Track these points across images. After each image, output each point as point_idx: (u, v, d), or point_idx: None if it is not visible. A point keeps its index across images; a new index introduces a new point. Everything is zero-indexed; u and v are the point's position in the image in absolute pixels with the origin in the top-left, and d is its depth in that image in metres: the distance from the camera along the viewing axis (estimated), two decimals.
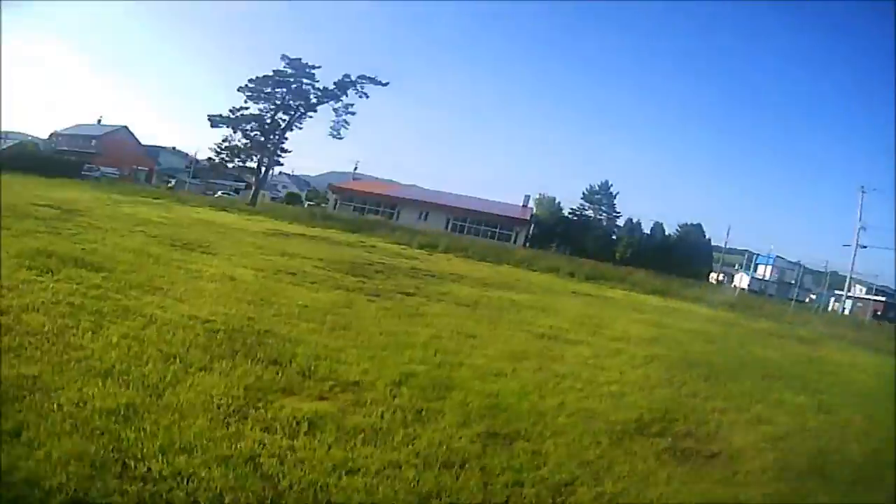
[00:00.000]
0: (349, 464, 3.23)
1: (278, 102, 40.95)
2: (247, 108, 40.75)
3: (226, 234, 15.62)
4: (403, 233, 28.70)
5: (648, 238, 51.22)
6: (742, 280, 49.25)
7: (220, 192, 52.18)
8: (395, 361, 5.27)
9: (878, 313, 39.67)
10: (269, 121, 41.02)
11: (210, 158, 42.07)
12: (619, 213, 55.65)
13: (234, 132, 40.44)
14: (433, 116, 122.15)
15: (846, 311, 41.27)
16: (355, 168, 57.97)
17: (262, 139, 40.91)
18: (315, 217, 33.00)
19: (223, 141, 40.70)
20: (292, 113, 41.56)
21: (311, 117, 42.23)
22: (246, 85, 40.48)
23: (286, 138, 42.30)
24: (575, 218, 54.98)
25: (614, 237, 52.75)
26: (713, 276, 51.08)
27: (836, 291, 45.54)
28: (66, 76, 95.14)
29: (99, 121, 60.45)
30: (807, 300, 44.91)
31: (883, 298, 44.40)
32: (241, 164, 42.24)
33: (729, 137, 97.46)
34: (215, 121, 40.19)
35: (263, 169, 42.75)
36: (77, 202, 15.76)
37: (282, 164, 48.17)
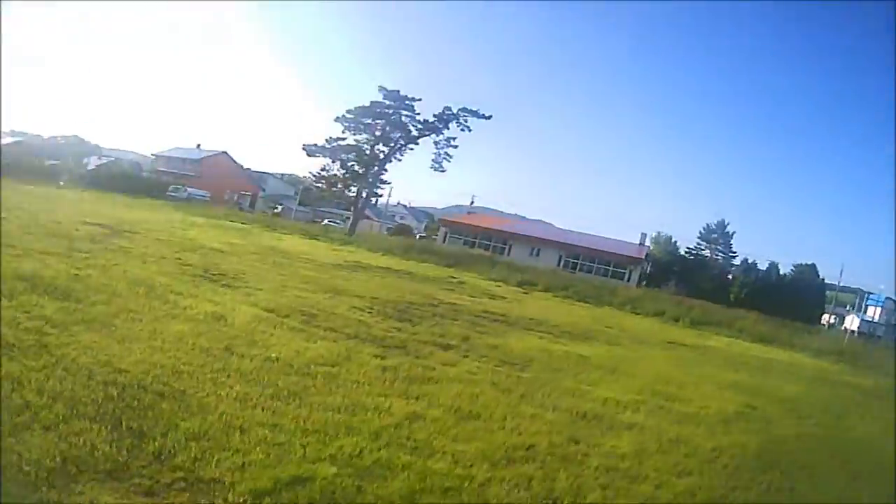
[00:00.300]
0: None
1: (378, 134, 43.59)
2: (344, 139, 43.81)
3: (284, 264, 15.83)
4: (504, 269, 28.75)
5: (763, 278, 53.42)
6: (853, 322, 48.37)
7: (326, 221, 55.30)
8: (307, 455, 4.26)
9: None
10: (367, 152, 43.69)
11: (307, 187, 45.31)
12: (734, 252, 59.07)
13: (333, 162, 43.45)
14: (554, 151, 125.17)
15: None
16: (472, 202, 60.62)
17: (361, 170, 43.52)
18: (412, 250, 33.30)
19: (322, 170, 43.99)
20: (392, 145, 44.20)
21: (412, 149, 44.86)
22: (344, 115, 43.67)
23: (386, 170, 45.22)
24: (691, 257, 58.15)
25: (730, 277, 55.49)
26: (825, 317, 52.34)
27: None
28: (194, 102, 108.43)
29: (198, 145, 68.10)
30: None
31: None
32: (339, 192, 45.00)
33: (844, 172, 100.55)
34: (311, 150, 43.51)
35: (363, 199, 45.42)
36: (139, 223, 17.11)
37: (380, 196, 51.92)
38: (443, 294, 16.57)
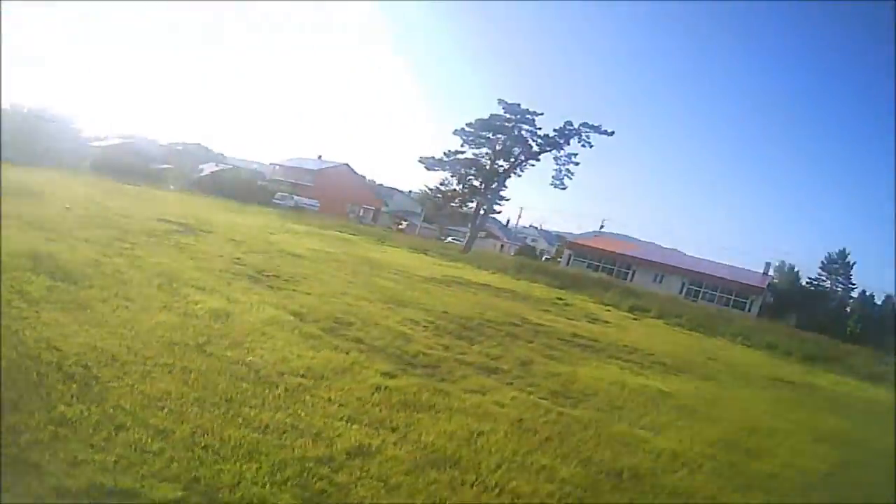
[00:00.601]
0: None
1: (498, 148, 44.33)
2: (463, 153, 44.74)
3: (363, 273, 15.74)
4: (620, 293, 28.77)
5: (879, 312, 53.21)
6: None
7: (450, 238, 55.79)
8: (163, 471, 3.70)
9: None
10: (486, 166, 44.37)
11: (431, 203, 46.79)
12: (854, 284, 58.77)
13: (452, 176, 44.70)
14: (684, 174, 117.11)
15: None
16: (601, 225, 62.75)
17: (480, 184, 44.36)
18: (526, 269, 32.50)
19: (440, 184, 45.27)
20: (512, 160, 44.79)
21: (532, 165, 45.38)
22: (463, 128, 44.46)
23: (506, 185, 45.95)
24: (812, 288, 58.50)
25: (847, 310, 55.24)
26: None
27: None
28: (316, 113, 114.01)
29: (319, 156, 71.23)
30: None
31: None
32: (457, 208, 45.88)
33: None
34: (429, 164, 44.82)
35: (481, 215, 45.88)
36: (222, 225, 18.20)
37: (499, 212, 52.26)
38: (535, 314, 15.90)
